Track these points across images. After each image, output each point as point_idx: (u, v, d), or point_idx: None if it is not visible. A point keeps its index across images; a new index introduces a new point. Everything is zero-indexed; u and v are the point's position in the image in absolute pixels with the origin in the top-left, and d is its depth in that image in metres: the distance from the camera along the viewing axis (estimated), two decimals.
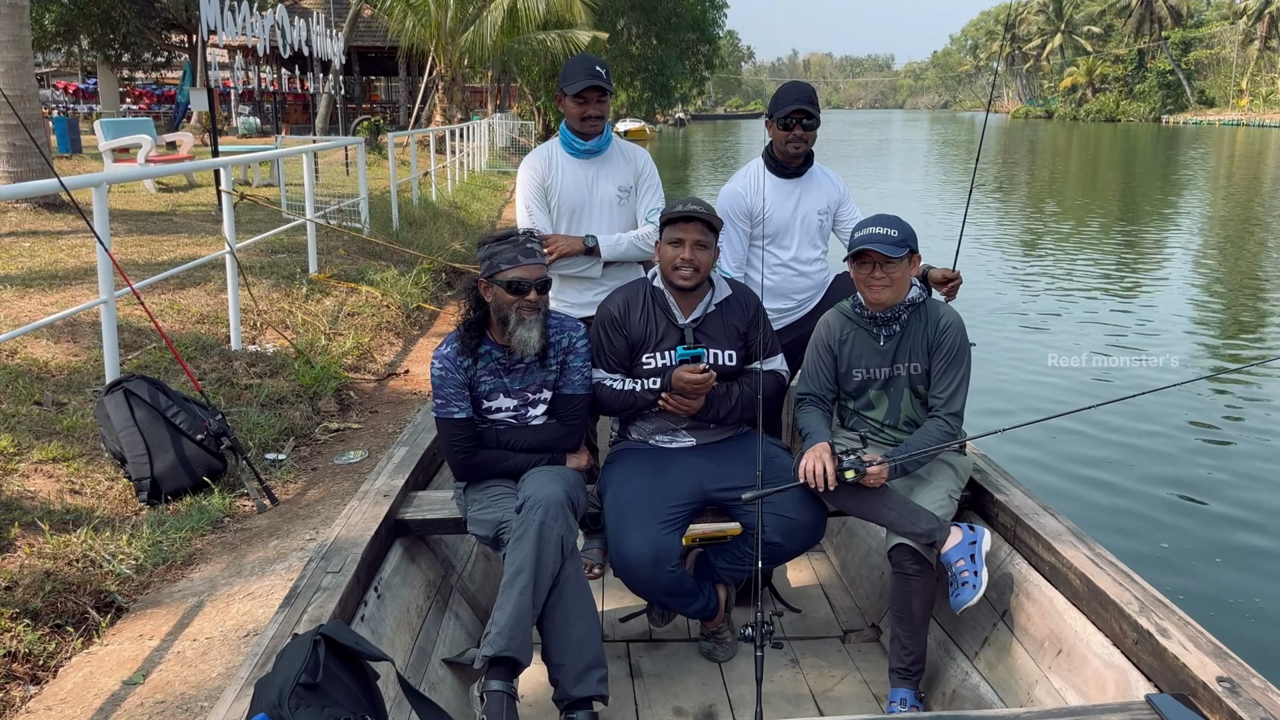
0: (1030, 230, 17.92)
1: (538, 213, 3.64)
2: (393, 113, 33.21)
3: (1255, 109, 78.24)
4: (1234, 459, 6.28)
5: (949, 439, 2.94)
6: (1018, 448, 6.26)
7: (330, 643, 2.07)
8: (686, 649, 3.31)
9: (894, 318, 3.02)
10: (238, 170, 13.96)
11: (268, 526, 4.16)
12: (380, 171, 15.43)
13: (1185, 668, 2.15)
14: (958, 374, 2.98)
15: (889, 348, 3.03)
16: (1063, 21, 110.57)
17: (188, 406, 4.48)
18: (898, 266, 2.94)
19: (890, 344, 3.03)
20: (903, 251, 2.93)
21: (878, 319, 3.03)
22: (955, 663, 2.96)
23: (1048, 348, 9.15)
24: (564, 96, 3.55)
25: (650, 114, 49.05)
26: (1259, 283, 12.75)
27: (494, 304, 2.90)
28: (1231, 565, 4.89)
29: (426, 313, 8.27)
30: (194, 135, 18.08)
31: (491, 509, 2.91)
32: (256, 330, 6.39)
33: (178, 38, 30.55)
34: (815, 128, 3.69)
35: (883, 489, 2.88)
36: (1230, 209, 21.82)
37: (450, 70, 22.34)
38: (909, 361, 3.02)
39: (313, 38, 15.76)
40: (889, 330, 3.03)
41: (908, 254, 2.96)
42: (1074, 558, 2.64)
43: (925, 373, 3.02)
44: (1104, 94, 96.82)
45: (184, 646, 3.19)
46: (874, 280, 2.97)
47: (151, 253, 8.06)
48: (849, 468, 2.77)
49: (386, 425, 5.55)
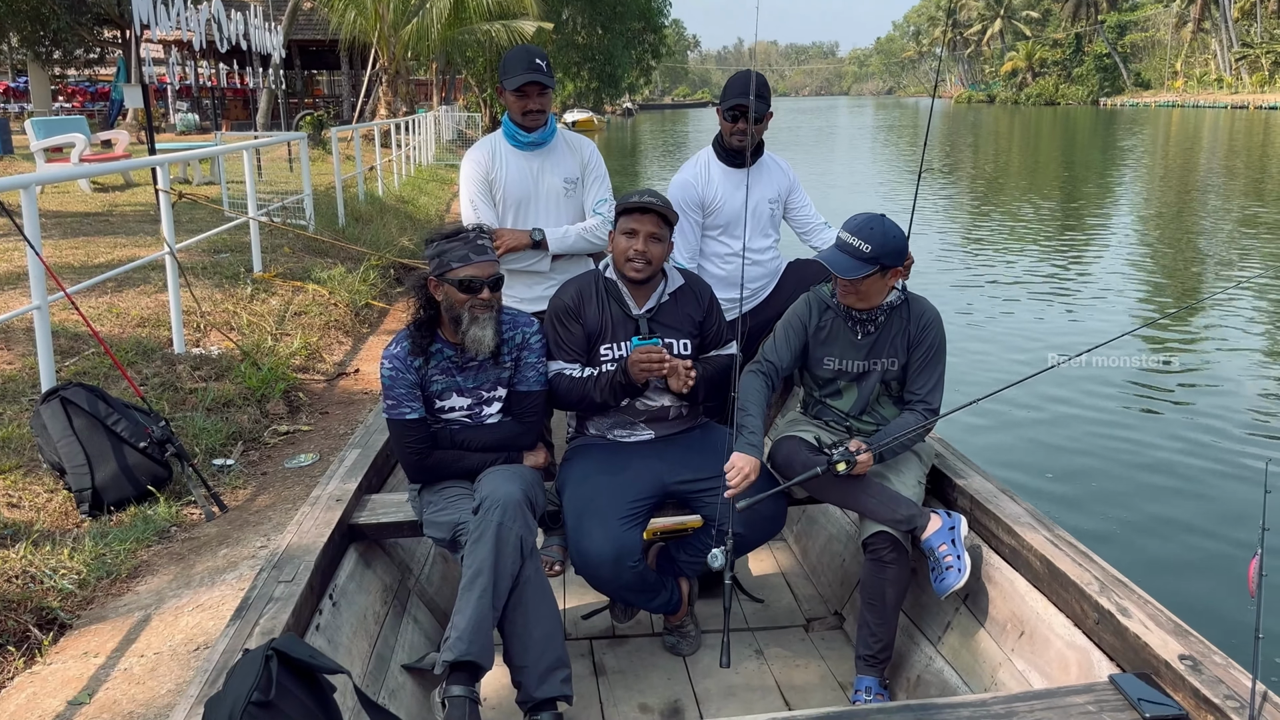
0: (975, 213, 18.15)
1: (483, 207, 3.57)
2: (336, 107, 32.69)
3: (1189, 90, 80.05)
4: (1171, 435, 6.40)
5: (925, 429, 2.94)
6: (970, 434, 6.32)
7: (283, 657, 2.01)
8: (650, 644, 3.27)
9: (871, 318, 2.99)
10: (176, 169, 13.62)
11: (217, 535, 4.05)
12: (324, 167, 15.17)
13: (1147, 646, 2.16)
14: (937, 370, 2.98)
15: (866, 343, 3.00)
16: (1002, 7, 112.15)
17: (129, 413, 4.34)
18: (861, 281, 2.86)
19: (868, 340, 3.00)
20: (865, 270, 2.81)
21: (854, 315, 3.00)
22: (919, 648, 2.96)
23: (995, 327, 9.27)
24: (504, 90, 3.48)
25: (598, 104, 48.86)
26: (1195, 254, 13.03)
27: (445, 303, 2.83)
28: (1177, 539, 4.97)
29: (376, 310, 8.14)
30: (130, 133, 17.63)
31: (448, 510, 2.85)
32: (200, 332, 6.23)
33: (110, 33, 29.73)
34: (761, 120, 3.64)
35: (864, 477, 2.87)
36: (1166, 187, 22.28)
37: (394, 63, 22.05)
38: (886, 357, 2.99)
39: (251, 31, 15.41)
40: (865, 329, 3.00)
41: (877, 270, 2.83)
42: (1034, 540, 2.65)
43: (902, 368, 3.00)
44: (1043, 78, 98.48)
45: (131, 663, 3.08)
46: (840, 286, 2.94)
47: (88, 255, 7.83)
48: (840, 460, 2.75)
49: (338, 426, 5.44)
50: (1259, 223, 15.98)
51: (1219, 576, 4.50)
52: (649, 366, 2.87)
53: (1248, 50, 75.14)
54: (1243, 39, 77.16)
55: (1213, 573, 4.56)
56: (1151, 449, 6.15)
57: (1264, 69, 72.40)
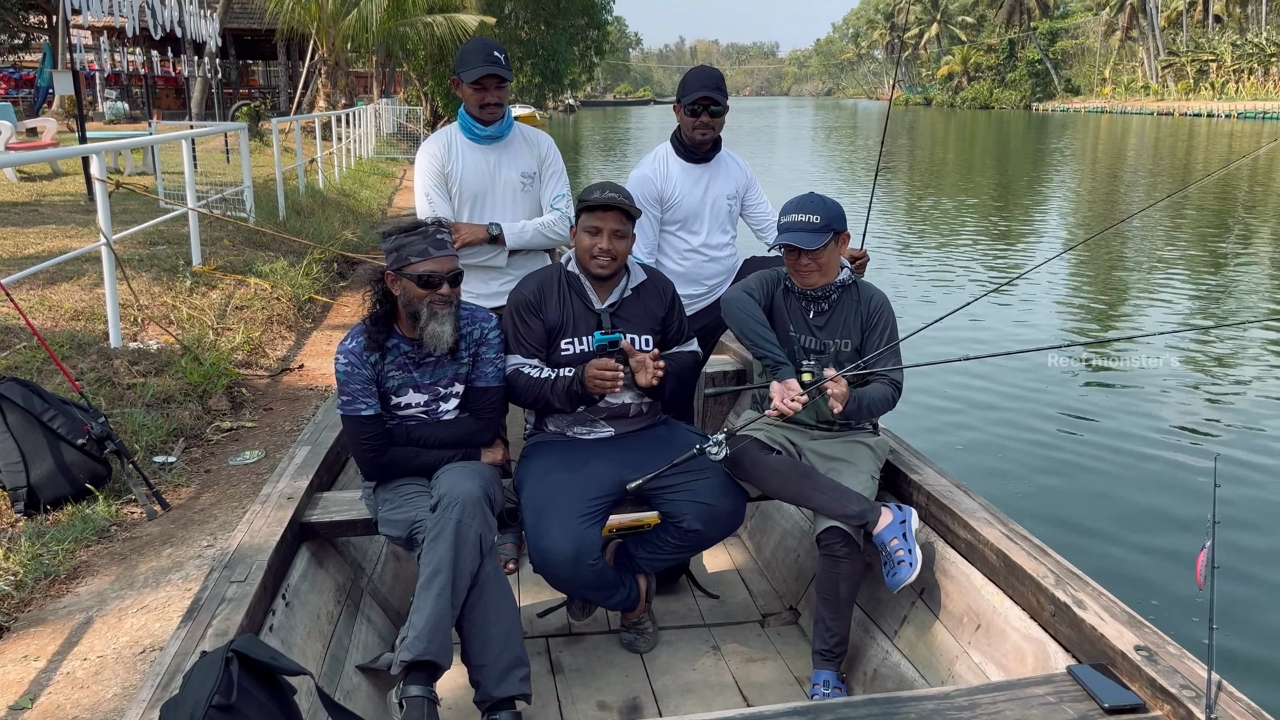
0: (914, 212, 18.44)
1: (438, 200, 3.52)
2: (273, 98, 32.03)
3: (1118, 96, 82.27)
4: (1122, 431, 6.57)
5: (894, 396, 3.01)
6: (923, 432, 6.42)
7: (243, 659, 1.96)
8: (607, 641, 3.26)
9: (824, 296, 3.04)
10: (108, 158, 13.22)
11: (160, 534, 3.94)
12: (262, 159, 14.86)
13: (1103, 638, 2.20)
14: (894, 353, 3.05)
15: (820, 321, 3.05)
16: (938, 11, 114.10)
17: (66, 409, 4.20)
18: (822, 252, 2.95)
19: (822, 319, 3.05)
20: (824, 239, 2.93)
21: (808, 295, 3.05)
22: (875, 642, 3.00)
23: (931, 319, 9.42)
24: (461, 82, 3.43)
25: (540, 100, 48.56)
26: (1120, 255, 13.40)
27: (403, 298, 2.79)
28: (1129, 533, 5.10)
29: (319, 304, 7.99)
30: (58, 121, 17.09)
31: (404, 508, 2.81)
32: (138, 326, 6.05)
33: (36, 18, 28.78)
34: (723, 114, 3.69)
35: (811, 472, 2.89)
36: (1094, 189, 22.88)
37: (332, 54, 21.69)
38: (840, 338, 3.05)
39: (185, 18, 15.02)
40: (819, 308, 3.06)
41: (832, 237, 2.96)
42: (989, 534, 2.69)
43: (855, 349, 3.04)
44: (978, 82, 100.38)
45: (74, 666, 2.98)
46: (801, 267, 2.99)
47: (17, 246, 7.56)
48: (807, 370, 2.82)
49: (283, 423, 5.33)
50: (1182, 219, 16.50)
51: (1172, 569, 4.63)
52: (603, 383, 2.86)
53: (1174, 59, 77.50)
54: (1169, 48, 79.59)
55: (1166, 565, 4.69)
56: (1102, 445, 6.30)
57: (1189, 77, 74.75)
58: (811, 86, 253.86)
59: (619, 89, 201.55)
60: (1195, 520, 5.07)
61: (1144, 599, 4.25)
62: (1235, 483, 5.56)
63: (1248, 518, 5.17)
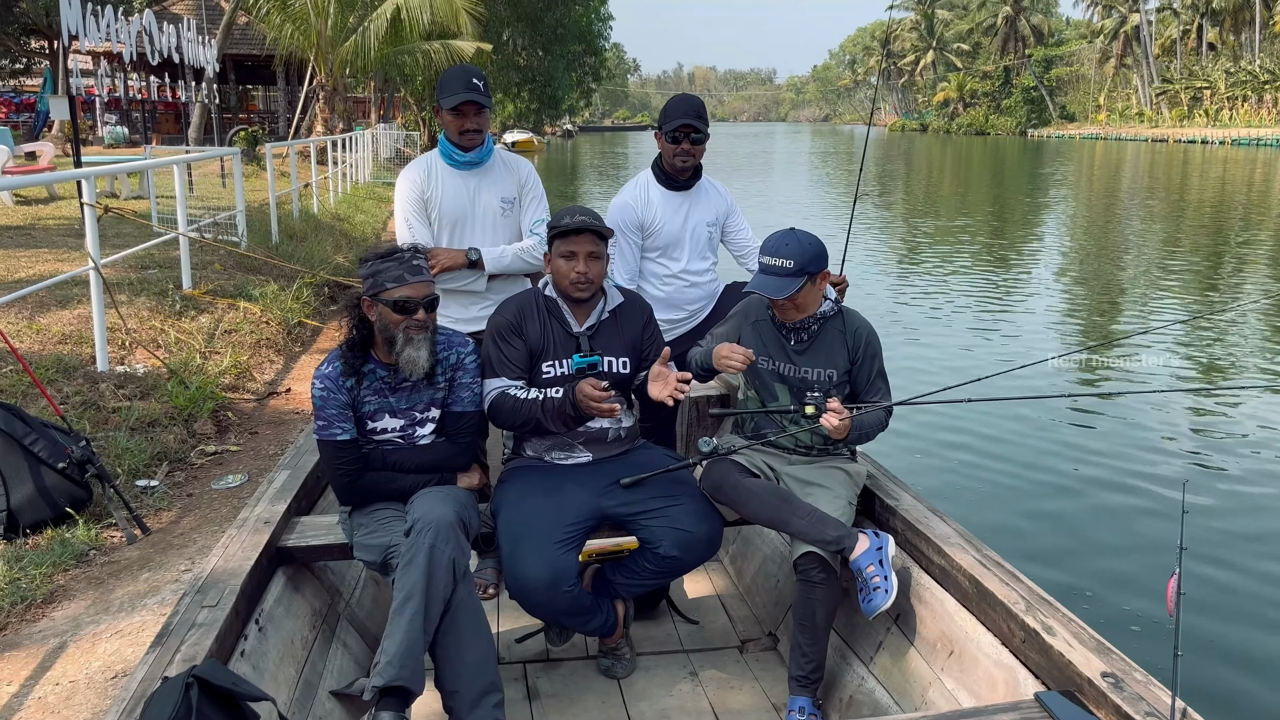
0: (908, 238, 18.52)
1: (418, 225, 3.54)
2: (272, 123, 32.20)
3: (1112, 123, 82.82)
4: (1092, 458, 6.57)
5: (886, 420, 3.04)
6: (899, 457, 6.41)
7: (204, 685, 1.95)
8: (585, 667, 3.25)
9: (804, 327, 3.05)
10: (103, 182, 13.28)
11: (138, 558, 3.93)
12: (259, 183, 14.92)
13: (1071, 664, 2.20)
14: (883, 379, 3.08)
15: (799, 349, 3.06)
16: (934, 39, 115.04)
17: (47, 433, 4.20)
18: (797, 295, 2.94)
19: (800, 346, 3.06)
20: (795, 285, 2.90)
21: (789, 327, 3.06)
22: (851, 668, 2.99)
23: (924, 346, 9.44)
24: (441, 109, 3.47)
25: (538, 125, 48.87)
26: (1116, 282, 13.45)
27: (379, 323, 2.80)
28: (1099, 559, 5.09)
29: (309, 329, 8.00)
30: (55, 145, 17.17)
31: (379, 533, 2.81)
32: (125, 350, 6.06)
33: (37, 44, 29.00)
34: (703, 141, 3.71)
35: (789, 496, 2.89)
36: (1090, 216, 22.99)
37: (331, 80, 21.82)
38: (822, 368, 3.04)
39: (184, 44, 15.11)
40: (799, 336, 3.06)
41: (805, 281, 2.92)
42: (963, 560, 2.69)
43: (840, 379, 3.04)
44: (974, 108, 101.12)
45: (45, 691, 2.97)
46: (779, 307, 3.01)
47: (7, 269, 7.58)
48: (810, 403, 2.83)
49: (268, 447, 5.33)
50: (1178, 247, 16.58)
51: (1140, 595, 4.62)
52: (596, 407, 2.85)
53: (1168, 86, 78.07)
54: (1163, 75, 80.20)
55: (1134, 591, 4.68)
56: (1073, 471, 6.30)
57: (1183, 104, 75.25)
58: (809, 112, 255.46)
59: (617, 114, 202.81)
60: (1168, 545, 5.07)
61: (1116, 624, 4.24)
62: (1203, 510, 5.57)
63: (1218, 543, 5.18)
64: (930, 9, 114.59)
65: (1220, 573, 4.86)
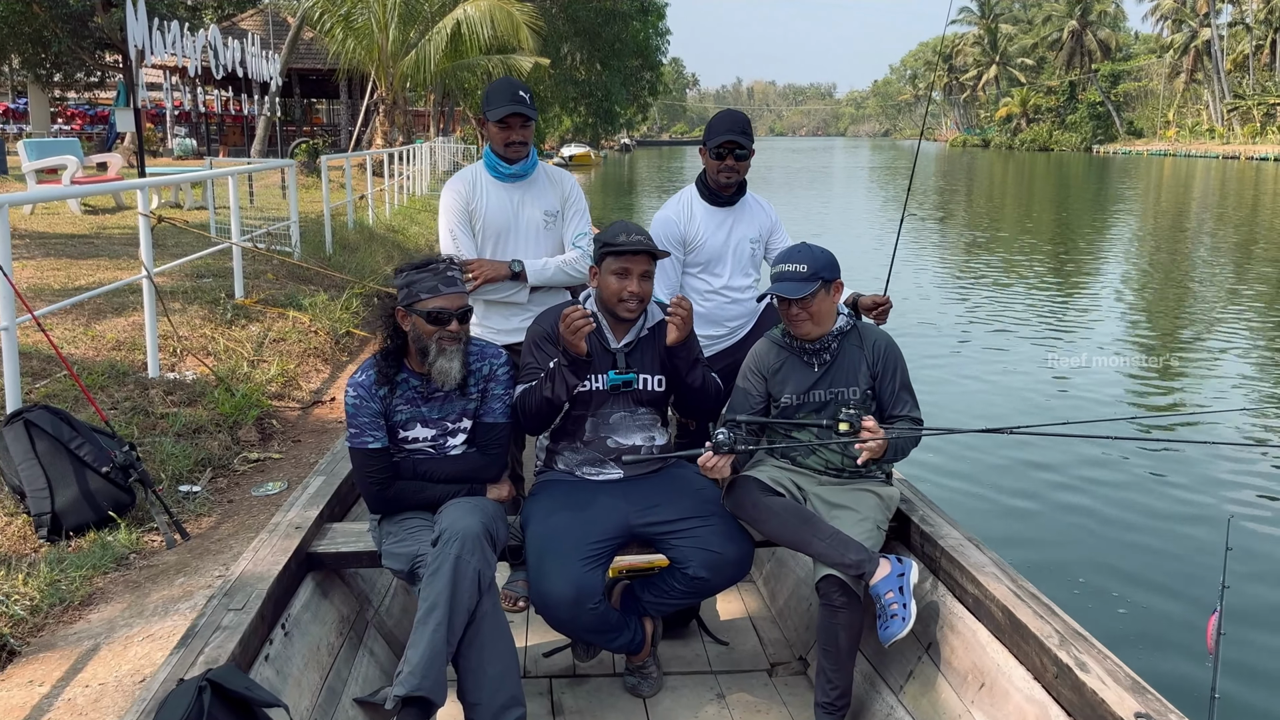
0: (967, 257, 18.22)
1: (462, 236, 3.56)
2: (334, 136, 32.83)
3: (1181, 139, 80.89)
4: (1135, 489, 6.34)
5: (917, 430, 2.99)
6: (934, 483, 6.26)
7: (218, 689, 1.95)
8: (610, 684, 3.21)
9: (824, 347, 3.00)
10: (169, 193, 13.62)
11: (176, 563, 3.97)
12: (317, 195, 15.19)
13: (1104, 703, 2.11)
14: (908, 391, 3.03)
15: (821, 373, 3.01)
16: (997, 54, 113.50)
17: (93, 437, 4.28)
18: (811, 301, 2.92)
19: (823, 370, 3.01)
20: (811, 287, 2.90)
21: (808, 348, 3.01)
22: (880, 696, 2.90)
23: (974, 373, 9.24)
24: (486, 121, 3.48)
25: (595, 139, 49.13)
26: (1187, 309, 13.07)
27: (413, 334, 2.81)
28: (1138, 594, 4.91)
29: (356, 338, 8.10)
30: (124, 157, 17.66)
31: (407, 542, 2.81)
32: (176, 357, 6.18)
33: (112, 58, 29.83)
34: (748, 158, 3.67)
35: (811, 517, 2.83)
36: (1159, 237, 22.42)
37: (391, 93, 22.15)
38: (845, 386, 2.99)
39: (248, 58, 15.50)
40: (821, 359, 3.01)
41: (820, 286, 2.92)
42: (997, 590, 2.60)
43: (866, 394, 2.99)
44: (1038, 124, 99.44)
45: (75, 693, 3.01)
46: (793, 316, 2.97)
47: (69, 277, 7.78)
48: (845, 420, 2.79)
49: (309, 455, 5.38)
50: (1248, 273, 16.08)
51: (1179, 632, 4.45)
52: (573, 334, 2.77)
53: (1239, 101, 76.05)
54: (1235, 90, 78.14)
55: (1173, 628, 4.51)
56: (1115, 503, 6.10)
57: (1255, 120, 73.25)
58: (868, 127, 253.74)
59: (675, 128, 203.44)
60: (1208, 582, 4.88)
61: (1152, 661, 4.08)
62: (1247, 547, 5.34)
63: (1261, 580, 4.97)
64: (994, 23, 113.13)
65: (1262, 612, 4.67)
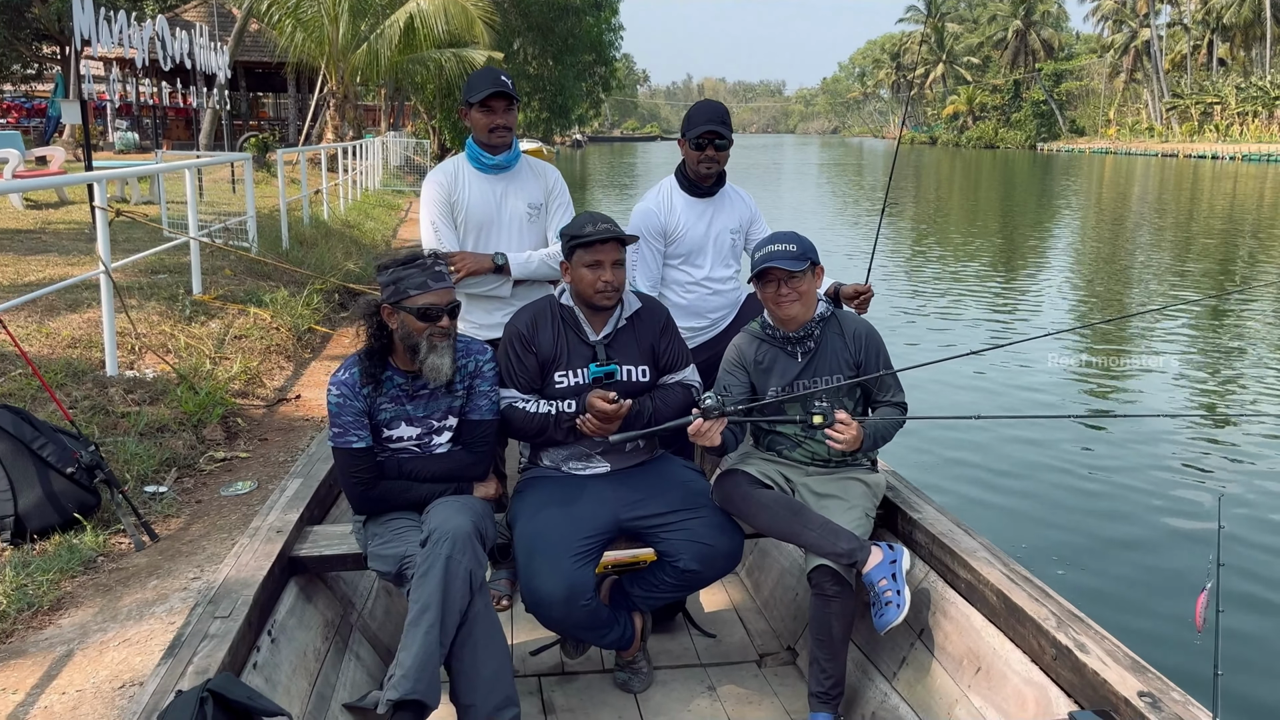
0: (919, 250, 18.45)
1: (444, 230, 3.51)
2: (282, 130, 32.29)
3: (1122, 138, 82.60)
4: (1125, 469, 6.48)
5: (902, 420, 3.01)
6: (921, 469, 6.34)
7: (219, 699, 1.90)
8: (601, 681, 3.19)
9: (807, 335, 3.00)
10: (114, 187, 13.28)
11: (147, 565, 3.87)
12: (268, 190, 14.93)
13: (1105, 683, 2.14)
14: (893, 376, 3.04)
15: (805, 362, 3.01)
16: (944, 52, 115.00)
17: (56, 437, 4.15)
18: (802, 280, 2.94)
19: (807, 359, 3.01)
20: (804, 264, 2.93)
21: (791, 338, 3.00)
22: (874, 684, 2.92)
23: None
24: (469, 109, 3.43)
25: (548, 135, 48.90)
26: (1125, 294, 13.37)
27: (401, 331, 2.75)
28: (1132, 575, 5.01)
29: (319, 335, 7.96)
30: (66, 150, 17.20)
31: (394, 543, 2.76)
32: (135, 355, 6.02)
33: (49, 49, 29.11)
34: (727, 148, 3.67)
35: (801, 509, 2.84)
36: (1100, 230, 22.90)
37: (342, 87, 21.83)
38: (829, 374, 3.00)
39: (196, 50, 15.14)
40: (804, 347, 3.01)
41: (810, 266, 2.95)
42: (990, 574, 2.63)
43: (849, 384, 2.99)
44: (984, 122, 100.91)
45: (51, 700, 2.91)
46: (781, 297, 2.95)
47: (17, 273, 7.55)
48: (818, 413, 2.78)
49: (277, 454, 5.28)
50: (1187, 259, 16.49)
51: (1175, 611, 4.54)
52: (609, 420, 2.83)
53: (1178, 101, 77.87)
54: (1173, 90, 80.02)
55: (1169, 607, 4.60)
56: (1105, 483, 6.21)
57: (1193, 119, 75.05)
58: (818, 125, 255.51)
59: (626, 125, 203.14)
60: (1202, 559, 4.98)
61: (1151, 642, 4.16)
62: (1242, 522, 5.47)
63: (1257, 557, 5.08)
64: (940, 22, 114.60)
65: (1263, 589, 4.77)
